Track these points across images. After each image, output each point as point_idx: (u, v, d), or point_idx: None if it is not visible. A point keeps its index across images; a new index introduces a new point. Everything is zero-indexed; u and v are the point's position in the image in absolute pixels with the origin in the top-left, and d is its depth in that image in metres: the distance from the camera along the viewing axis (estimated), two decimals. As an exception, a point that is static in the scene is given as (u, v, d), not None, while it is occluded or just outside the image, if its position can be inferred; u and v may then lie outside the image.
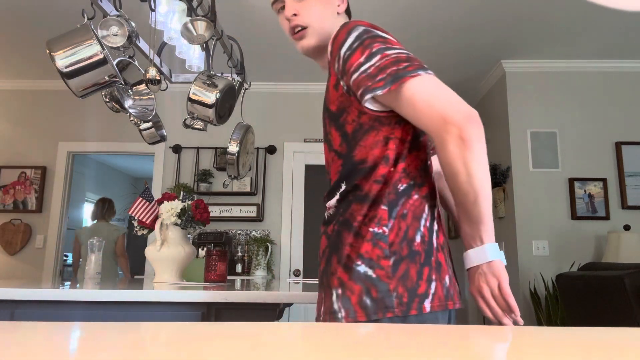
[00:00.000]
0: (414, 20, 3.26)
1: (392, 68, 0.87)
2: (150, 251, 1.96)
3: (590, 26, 3.31)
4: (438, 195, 1.02)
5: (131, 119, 2.27)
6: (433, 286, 0.89)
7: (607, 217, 3.63)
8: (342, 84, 0.95)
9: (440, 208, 1.06)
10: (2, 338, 0.44)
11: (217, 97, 2.04)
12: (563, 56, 3.78)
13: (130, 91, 2.15)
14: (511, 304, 0.88)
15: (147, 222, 1.98)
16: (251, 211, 4.15)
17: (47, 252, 4.13)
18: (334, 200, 0.97)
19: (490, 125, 4.22)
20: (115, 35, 1.77)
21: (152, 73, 1.84)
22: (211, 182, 4.21)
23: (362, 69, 0.89)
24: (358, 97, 0.91)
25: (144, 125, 2.44)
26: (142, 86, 2.15)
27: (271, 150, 4.30)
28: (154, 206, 2.00)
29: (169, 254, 1.94)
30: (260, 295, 1.39)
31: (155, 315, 1.38)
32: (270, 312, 1.41)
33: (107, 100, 2.20)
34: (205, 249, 2.99)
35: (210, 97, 2.04)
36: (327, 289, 0.93)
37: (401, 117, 0.93)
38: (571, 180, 3.67)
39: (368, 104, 0.92)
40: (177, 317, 1.38)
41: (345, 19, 1.12)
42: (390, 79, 0.87)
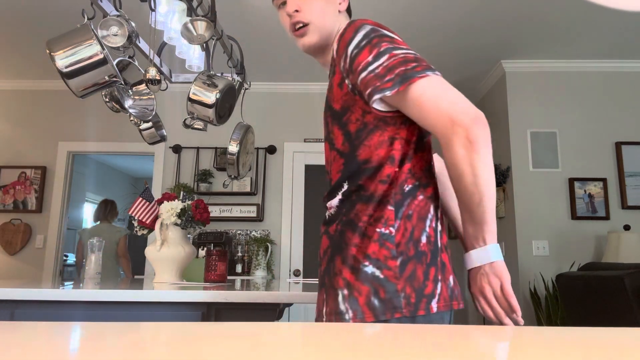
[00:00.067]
0: (414, 20, 3.26)
1: (401, 68, 0.87)
2: (150, 251, 1.96)
3: (590, 26, 3.31)
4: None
5: (131, 119, 2.27)
6: (439, 286, 0.89)
7: (607, 217, 3.63)
8: (347, 82, 0.94)
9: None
10: (2, 338, 0.44)
11: (217, 97, 2.04)
12: (563, 56, 3.78)
13: (130, 91, 2.15)
14: (513, 305, 0.89)
15: (147, 222, 1.98)
16: (251, 211, 4.15)
17: (47, 252, 4.13)
18: (336, 200, 0.96)
19: (490, 125, 4.16)
20: (115, 35, 1.77)
21: (152, 73, 1.84)
22: (211, 182, 4.20)
23: (370, 69, 0.89)
24: (365, 97, 0.90)
25: (144, 125, 2.44)
26: (142, 86, 2.15)
27: (271, 150, 4.30)
28: (154, 206, 2.00)
29: (169, 254, 1.94)
30: (260, 295, 1.39)
31: (155, 315, 1.38)
32: (270, 312, 1.41)
33: (107, 100, 2.20)
34: (205, 249, 2.98)
35: (210, 97, 2.04)
36: (331, 289, 0.92)
37: (406, 118, 0.93)
38: (571, 180, 3.67)
39: (376, 104, 0.91)
40: (177, 317, 1.38)
41: (346, 17, 1.11)
42: (398, 80, 0.86)
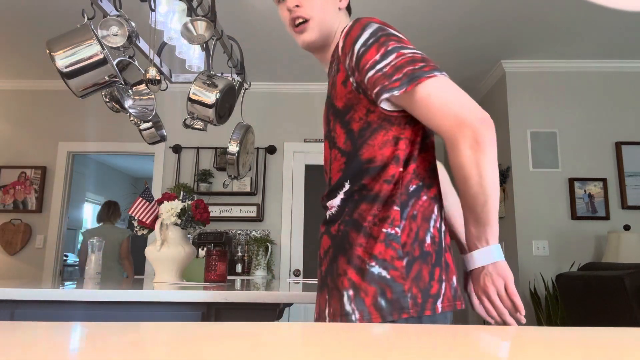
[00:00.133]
0: (414, 20, 3.26)
1: (408, 68, 0.86)
2: (150, 251, 1.96)
3: (590, 26, 3.30)
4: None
5: (131, 119, 2.27)
6: (443, 286, 0.89)
7: (607, 217, 3.63)
8: (352, 80, 0.93)
9: None
10: (2, 338, 0.44)
11: (217, 97, 2.04)
12: (563, 56, 3.78)
13: (130, 91, 2.15)
14: (517, 304, 0.89)
15: (147, 222, 1.98)
16: (251, 211, 4.15)
17: (47, 252, 4.13)
18: (338, 200, 0.95)
19: (490, 125, 4.21)
20: (115, 35, 1.77)
21: (152, 73, 1.84)
22: (211, 182, 4.20)
23: (378, 67, 0.88)
24: (373, 96, 0.90)
25: (144, 125, 2.44)
26: (142, 86, 2.15)
27: (271, 150, 4.30)
28: (154, 206, 2.00)
29: (169, 254, 1.94)
30: (260, 295, 1.39)
31: (155, 315, 1.38)
32: (270, 312, 1.41)
33: (107, 100, 2.20)
34: (205, 249, 2.98)
35: (210, 97, 2.04)
36: (335, 290, 0.91)
37: (411, 118, 0.92)
38: (571, 180, 3.67)
39: (383, 103, 0.90)
40: (177, 317, 1.38)
41: (346, 15, 1.10)
42: (406, 79, 0.85)
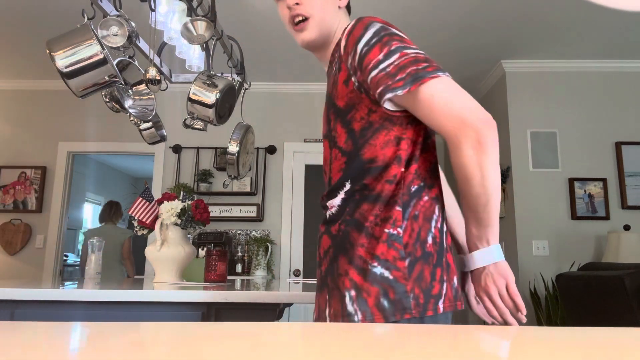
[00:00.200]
0: (414, 20, 3.26)
1: (412, 68, 0.86)
2: (150, 251, 1.96)
3: (590, 26, 3.30)
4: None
5: (131, 119, 2.27)
6: (445, 287, 0.90)
7: (607, 217, 3.63)
8: (354, 80, 0.93)
9: None
10: (2, 338, 0.44)
11: (217, 97, 2.04)
12: (563, 56, 3.77)
13: (130, 91, 2.15)
14: (518, 303, 0.89)
15: (147, 222, 1.98)
16: (251, 211, 4.15)
17: (47, 252, 4.13)
18: (338, 200, 0.95)
19: (490, 125, 4.21)
20: (115, 35, 1.77)
21: (152, 73, 1.84)
22: (211, 182, 4.20)
23: (381, 67, 0.87)
24: (376, 96, 0.89)
25: (144, 125, 2.44)
26: (142, 86, 2.15)
27: (271, 150, 4.30)
28: (154, 206, 2.00)
29: (169, 254, 1.94)
30: (260, 295, 1.39)
31: (155, 315, 1.38)
32: (270, 312, 1.41)
33: (107, 100, 2.20)
34: (205, 249, 2.98)
35: (210, 97, 2.04)
36: (335, 290, 0.91)
37: (413, 118, 0.92)
38: (571, 180, 3.67)
39: (386, 103, 0.90)
40: (177, 317, 1.38)
41: (346, 14, 1.10)
42: (410, 79, 0.85)
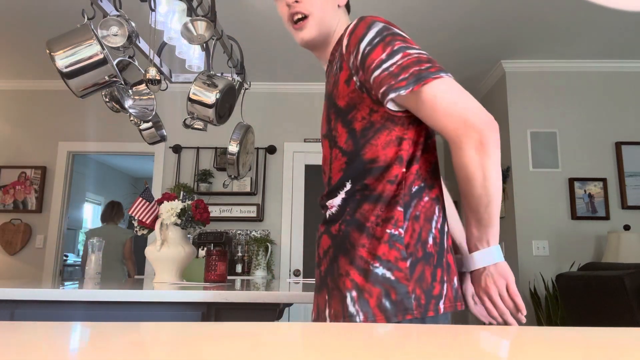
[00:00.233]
0: (414, 20, 3.26)
1: (415, 68, 0.85)
2: (150, 251, 1.96)
3: (590, 26, 3.30)
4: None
5: (131, 119, 2.27)
6: (445, 287, 0.90)
7: (607, 217, 3.63)
8: (356, 79, 0.92)
9: None
10: (2, 338, 0.44)
11: (217, 97, 2.04)
12: (563, 56, 3.77)
13: (130, 91, 2.15)
14: (519, 304, 0.90)
15: (147, 222, 1.98)
16: (251, 211, 4.15)
17: (47, 252, 4.13)
18: (338, 199, 0.95)
19: (490, 125, 4.21)
20: (115, 35, 1.77)
21: (152, 73, 1.84)
22: (211, 182, 4.20)
23: (384, 67, 0.87)
24: (379, 96, 0.88)
25: (144, 125, 2.44)
26: (142, 86, 2.14)
27: (271, 150, 4.30)
28: (154, 206, 2.00)
29: (169, 254, 1.94)
30: (260, 295, 1.39)
31: (155, 315, 1.38)
32: (270, 312, 1.41)
33: (107, 100, 2.20)
34: (205, 249, 2.98)
35: (210, 97, 2.04)
36: (335, 290, 0.90)
37: (414, 118, 0.92)
38: (571, 180, 3.67)
39: (389, 104, 0.89)
40: (177, 317, 1.38)
41: (345, 13, 1.10)
42: (413, 79, 0.85)
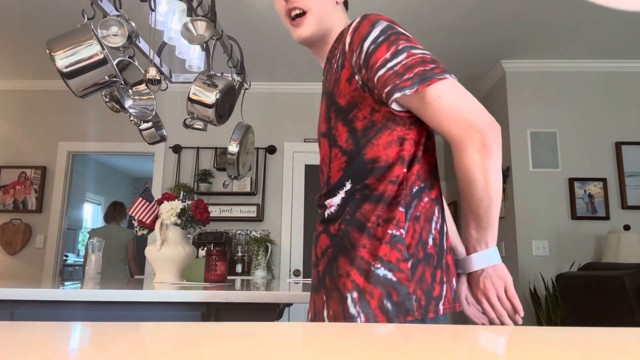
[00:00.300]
0: (414, 20, 3.26)
1: (419, 68, 0.85)
2: (150, 251, 1.96)
3: (590, 26, 3.30)
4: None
5: (131, 119, 2.27)
6: (444, 288, 0.90)
7: (607, 217, 3.63)
8: (358, 78, 0.91)
9: None
10: (2, 338, 0.44)
11: (217, 97, 2.04)
12: (563, 56, 3.78)
13: (130, 91, 2.15)
14: (516, 306, 0.91)
15: (147, 222, 1.98)
16: (251, 211, 4.15)
17: (47, 252, 4.13)
18: (338, 199, 0.94)
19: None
20: (115, 35, 1.77)
21: (152, 73, 1.84)
22: (211, 182, 4.20)
23: (389, 66, 0.86)
24: (383, 95, 0.88)
25: (144, 125, 2.44)
26: (142, 86, 2.14)
27: (271, 150, 4.30)
28: (154, 206, 2.00)
29: (169, 254, 1.94)
30: (260, 295, 1.39)
31: (155, 315, 1.38)
32: (270, 312, 1.41)
33: (107, 100, 2.20)
34: (205, 249, 2.98)
35: (210, 97, 2.04)
36: (334, 291, 0.90)
37: (416, 118, 0.91)
38: (571, 180, 3.67)
39: (394, 104, 0.89)
40: (177, 317, 1.38)
41: (343, 10, 1.09)
42: (417, 79, 0.84)
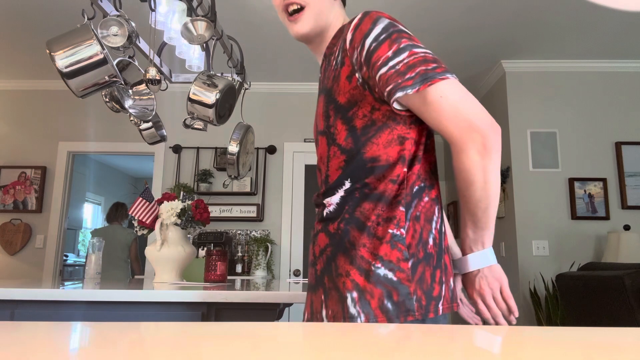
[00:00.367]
0: (414, 20, 3.26)
1: (421, 67, 0.84)
2: (150, 251, 1.96)
3: (590, 26, 3.31)
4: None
5: (131, 119, 2.27)
6: (443, 288, 0.90)
7: (607, 217, 3.63)
8: (358, 76, 0.91)
9: None
10: (2, 338, 0.44)
11: (217, 97, 2.04)
12: (563, 56, 3.78)
13: (130, 91, 2.15)
14: (512, 306, 0.92)
15: (147, 222, 1.98)
16: (251, 211, 4.15)
17: (47, 252, 4.13)
18: (337, 197, 0.94)
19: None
20: (115, 35, 1.77)
21: (152, 73, 1.84)
22: (211, 182, 4.21)
23: (391, 64, 0.85)
24: (384, 94, 0.87)
25: (144, 125, 2.44)
26: (142, 86, 2.14)
27: (271, 150, 4.30)
28: (154, 206, 2.00)
29: (169, 254, 1.94)
30: (260, 295, 1.40)
31: (155, 315, 1.38)
32: (270, 312, 1.41)
33: (107, 100, 2.20)
34: (205, 249, 2.99)
35: (210, 97, 2.04)
36: (333, 291, 0.89)
37: (416, 118, 0.91)
38: (571, 180, 3.67)
39: (396, 103, 0.88)
40: (177, 317, 1.38)
41: (341, 6, 1.09)
42: (419, 79, 0.84)
